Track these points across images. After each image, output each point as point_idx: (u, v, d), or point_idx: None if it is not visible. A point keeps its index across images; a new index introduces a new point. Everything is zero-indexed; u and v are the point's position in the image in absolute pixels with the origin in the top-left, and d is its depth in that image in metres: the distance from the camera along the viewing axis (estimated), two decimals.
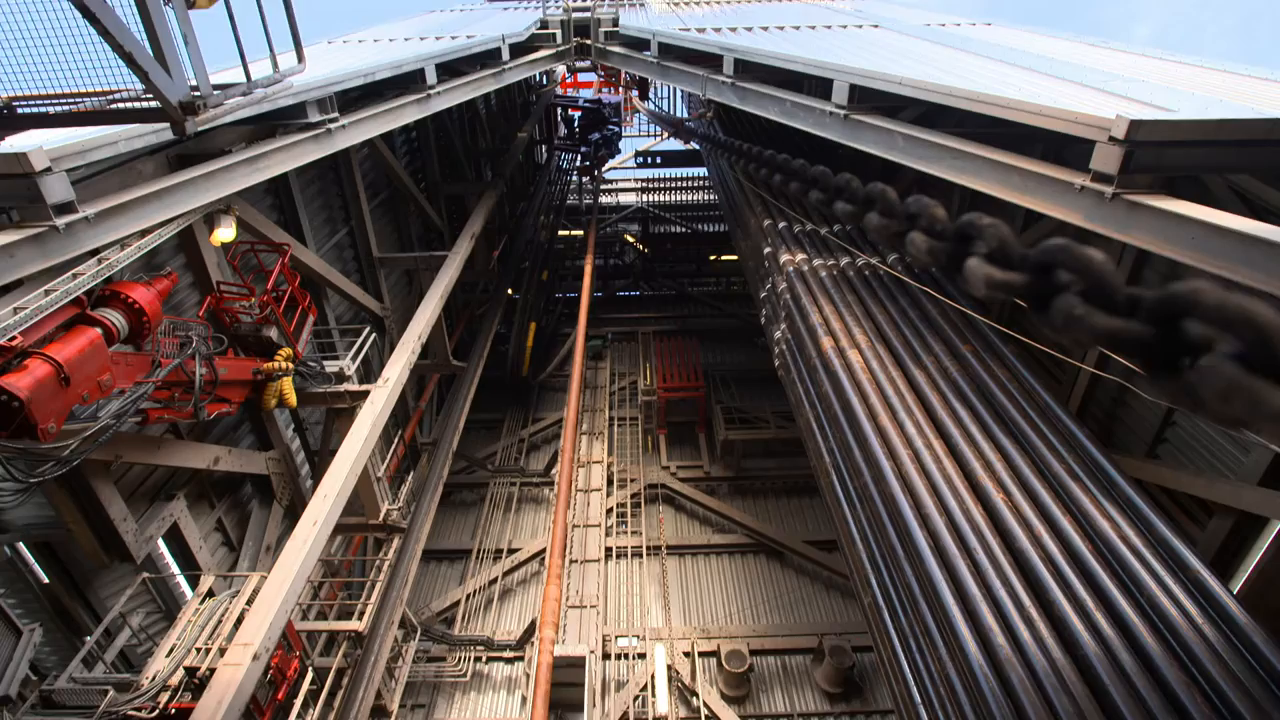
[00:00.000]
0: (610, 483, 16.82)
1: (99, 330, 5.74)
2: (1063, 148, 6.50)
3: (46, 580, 7.99)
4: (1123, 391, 8.44)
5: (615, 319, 24.55)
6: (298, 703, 7.51)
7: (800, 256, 10.13)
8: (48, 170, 5.10)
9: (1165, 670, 4.45)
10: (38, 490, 7.17)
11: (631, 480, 16.99)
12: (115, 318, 5.95)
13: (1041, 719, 4.41)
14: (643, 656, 13.14)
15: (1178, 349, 2.01)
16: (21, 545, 7.71)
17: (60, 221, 5.30)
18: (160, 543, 9.29)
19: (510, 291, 20.66)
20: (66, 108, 4.84)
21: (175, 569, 9.64)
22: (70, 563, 8.12)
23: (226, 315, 8.83)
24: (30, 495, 7.07)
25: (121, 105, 4.89)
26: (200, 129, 5.06)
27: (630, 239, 28.57)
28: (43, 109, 4.86)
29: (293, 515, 10.95)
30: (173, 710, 5.99)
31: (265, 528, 11.15)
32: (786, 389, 10.48)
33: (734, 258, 25.54)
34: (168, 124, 4.77)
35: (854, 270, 9.58)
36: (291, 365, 9.11)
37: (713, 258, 27.76)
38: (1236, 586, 7.09)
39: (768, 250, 11.20)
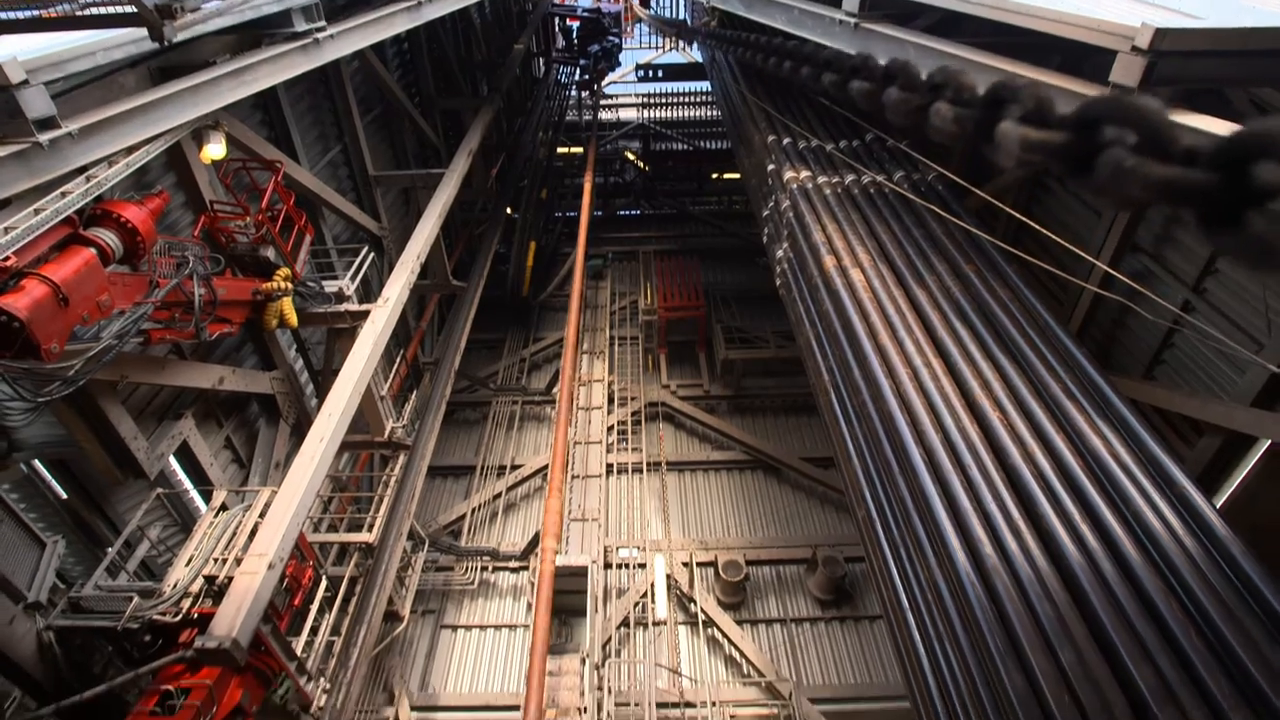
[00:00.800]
0: (611, 401, 17.05)
1: (93, 250, 5.68)
2: (1082, 59, 6.23)
3: (65, 496, 8.22)
4: (1123, 313, 8.42)
5: (616, 238, 24.24)
6: (314, 608, 7.87)
7: (804, 173, 9.89)
8: (25, 83, 4.91)
9: (1144, 578, 4.63)
10: (47, 410, 7.28)
11: (632, 398, 17.21)
12: (109, 237, 5.87)
13: (1023, 622, 4.62)
14: (643, 566, 13.67)
15: (1244, 197, 1.81)
16: (37, 463, 7.90)
17: (44, 137, 5.16)
18: (172, 460, 9.51)
19: (509, 210, 20.29)
20: (34, 12, 4.62)
21: (188, 485, 9.91)
22: (86, 479, 8.34)
23: (222, 235, 8.72)
24: (40, 414, 7.18)
25: (95, 10, 4.66)
26: (180, 37, 4.85)
27: (631, 156, 27.81)
28: (9, 14, 4.64)
29: (299, 433, 11.15)
30: (195, 615, 6.27)
31: (273, 445, 11.39)
32: (787, 308, 10.45)
33: (736, 175, 24.94)
34: (145, 30, 4.56)
35: (859, 188, 9.38)
36: (290, 285, 9.06)
37: (715, 175, 27.12)
38: (1220, 502, 7.30)
39: (771, 167, 10.93)
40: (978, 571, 5.04)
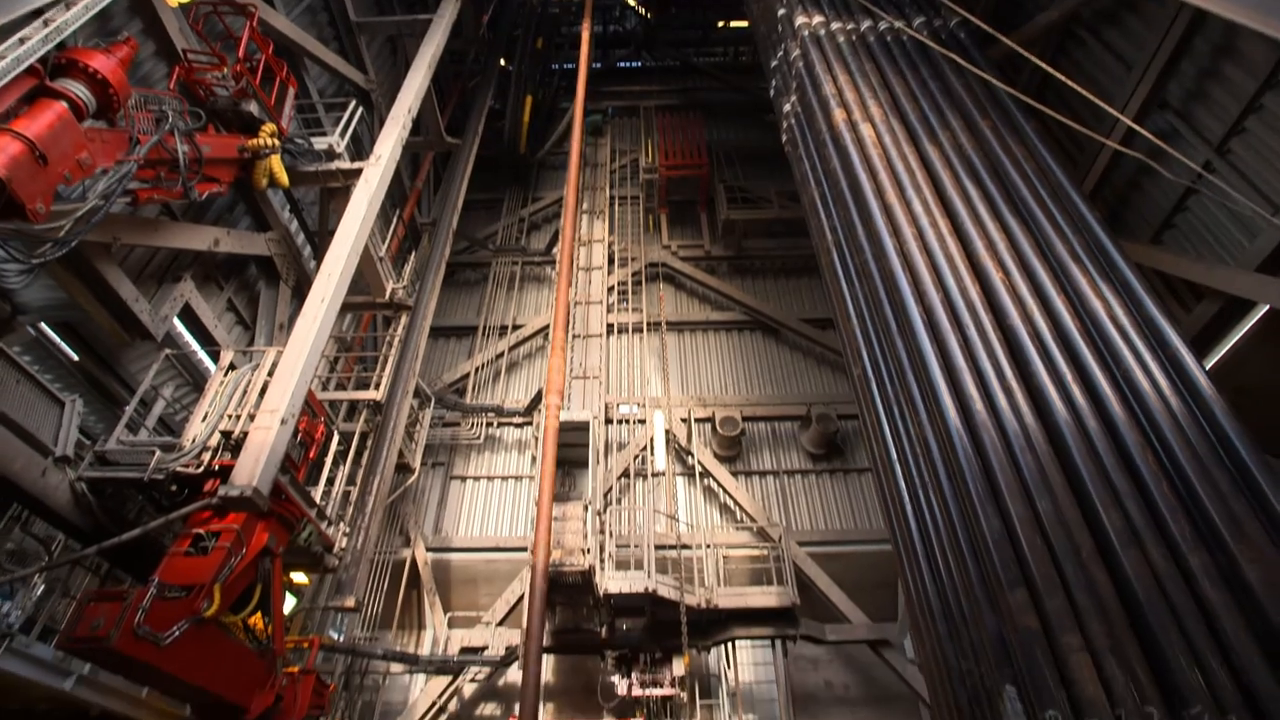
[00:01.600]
0: (611, 261, 16.93)
1: (64, 104, 5.40)
2: None
3: (76, 358, 8.37)
4: (1140, 174, 8.15)
5: (615, 92, 22.94)
6: (328, 460, 8.25)
7: (817, 19, 9.21)
8: None
9: (1126, 434, 4.82)
10: (45, 273, 7.24)
11: (632, 259, 17.07)
12: (79, 89, 5.56)
13: (1005, 473, 4.86)
14: (642, 422, 14.19)
15: None
16: (44, 326, 7.97)
17: None
18: (177, 322, 9.59)
19: (503, 62, 19.09)
20: None
21: (195, 346, 10.06)
22: (94, 341, 8.46)
23: (200, 88, 8.25)
24: (37, 277, 7.16)
25: None
26: None
27: (631, 2, 25.70)
28: None
29: (300, 295, 11.17)
30: (217, 467, 6.59)
31: (275, 307, 11.44)
32: (793, 165, 10.11)
33: (744, 23, 23.17)
34: None
35: (875, 35, 8.76)
36: (277, 142, 8.70)
37: (721, 24, 25.14)
38: (1210, 364, 7.44)
39: (781, 12, 10.15)
40: (966, 426, 5.23)
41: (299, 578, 8.87)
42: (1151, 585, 4.32)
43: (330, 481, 8.28)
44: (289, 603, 8.96)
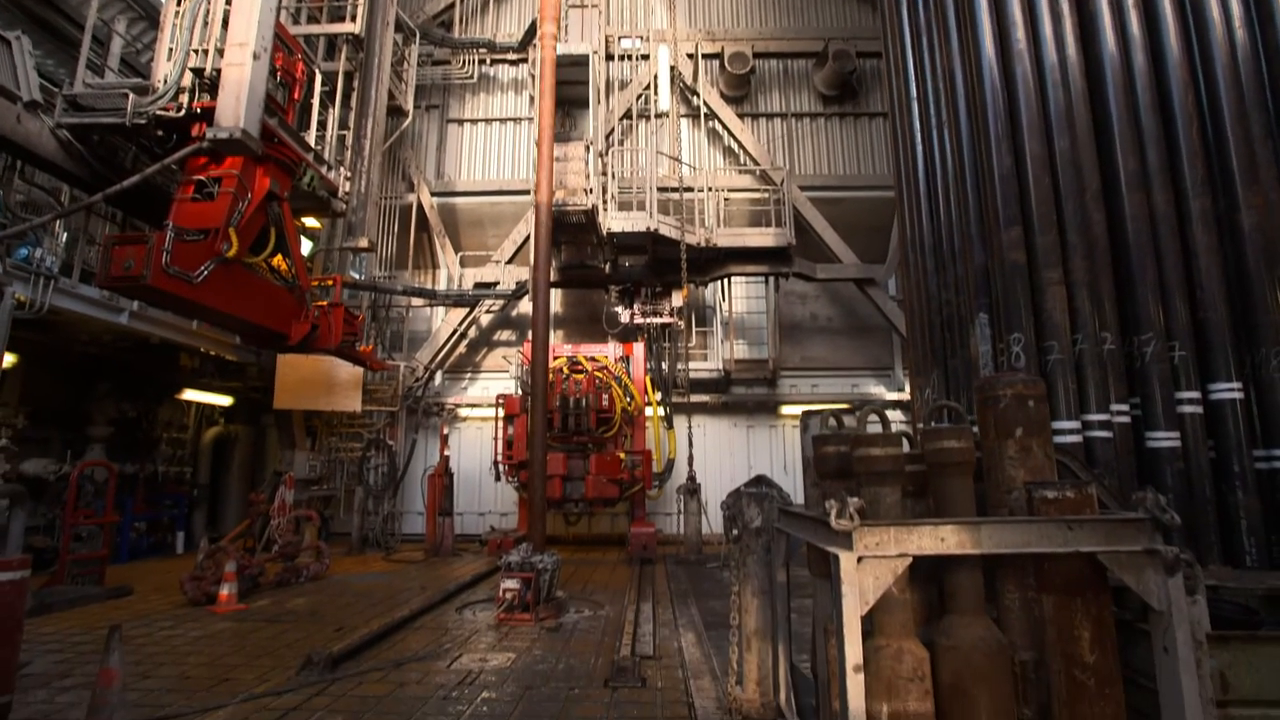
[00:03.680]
0: None
1: None
2: None
3: None
4: None
5: None
6: (315, 102, 7.81)
7: None
8: None
9: (1172, 70, 4.47)
10: None
11: None
12: None
13: (1030, 109, 4.63)
14: (646, 58, 13.11)
15: None
16: None
17: None
18: None
19: None
20: None
21: None
22: None
23: None
24: None
25: None
26: None
27: None
28: None
29: None
30: (198, 109, 6.26)
31: None
32: None
33: None
34: None
35: None
36: None
37: None
38: None
39: None
40: (1000, 57, 4.83)
41: (310, 222, 9.09)
42: (1144, 227, 4.43)
43: (322, 125, 7.96)
44: (306, 246, 9.31)
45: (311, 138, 7.63)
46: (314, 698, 3.86)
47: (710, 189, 11.94)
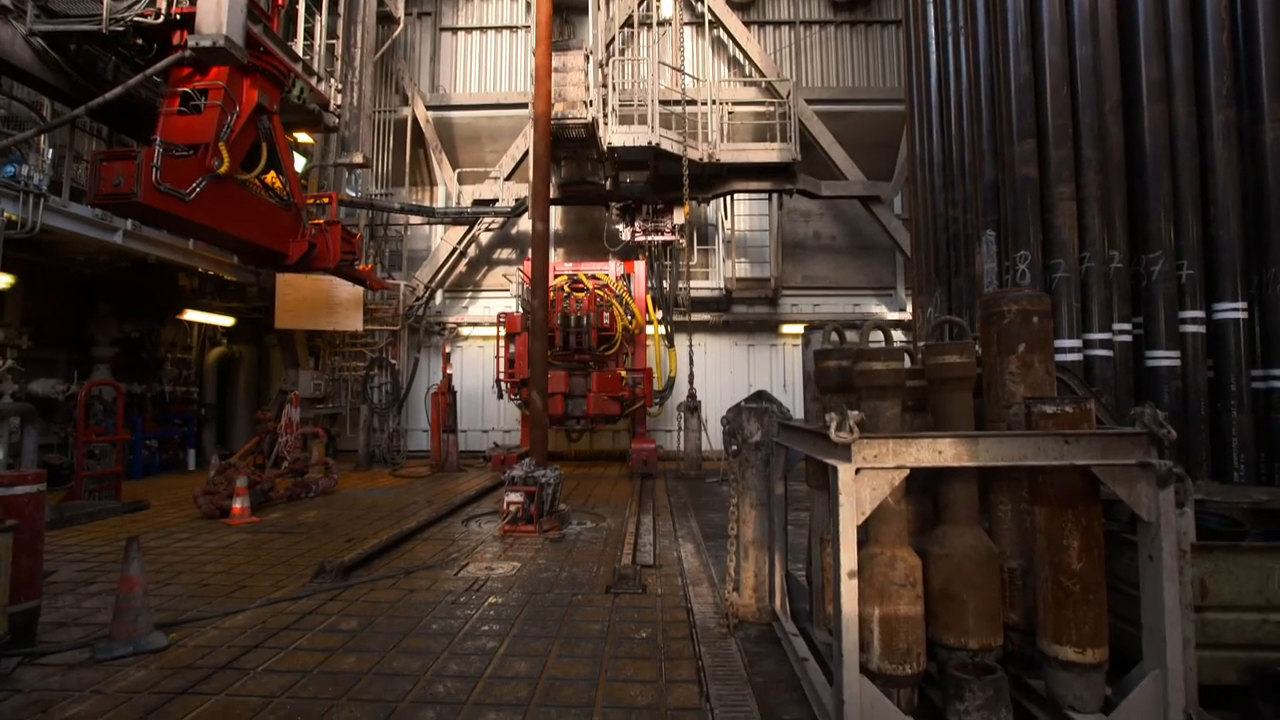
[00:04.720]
0: None
1: None
2: None
3: None
4: None
5: None
6: (300, 8, 7.43)
7: None
8: None
9: None
10: None
11: None
12: None
13: (1053, 12, 4.41)
14: None
15: None
16: None
17: None
18: None
19: None
20: None
21: None
22: None
23: None
24: None
25: None
26: None
27: None
28: None
29: None
30: (178, 15, 5.96)
31: None
32: None
33: None
34: None
35: None
36: None
37: None
38: None
39: None
40: None
41: (303, 138, 8.83)
42: (1163, 141, 4.29)
43: (309, 34, 7.61)
44: (299, 162, 9.07)
45: (299, 47, 7.30)
46: (328, 603, 4.02)
47: (714, 102, 11.52)
